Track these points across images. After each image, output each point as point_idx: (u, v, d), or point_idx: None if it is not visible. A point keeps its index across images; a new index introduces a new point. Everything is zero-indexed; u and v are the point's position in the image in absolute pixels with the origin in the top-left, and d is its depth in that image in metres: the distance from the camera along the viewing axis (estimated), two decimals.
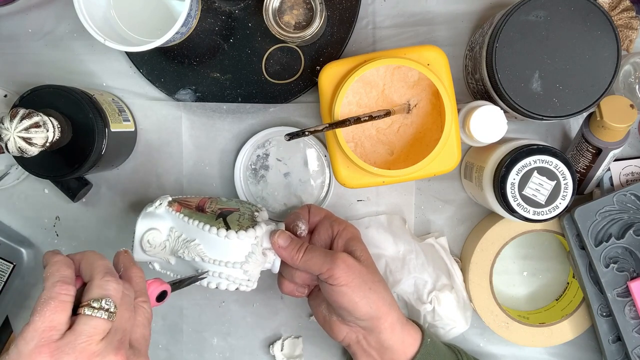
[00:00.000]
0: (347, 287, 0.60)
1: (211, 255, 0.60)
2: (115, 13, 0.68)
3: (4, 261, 0.74)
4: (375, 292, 0.61)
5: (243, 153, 0.74)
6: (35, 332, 0.47)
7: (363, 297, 0.60)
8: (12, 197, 0.77)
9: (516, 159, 0.62)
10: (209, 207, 0.65)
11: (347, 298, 0.60)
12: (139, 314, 0.52)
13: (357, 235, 0.66)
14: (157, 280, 0.56)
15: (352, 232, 0.65)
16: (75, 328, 0.48)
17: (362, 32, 0.73)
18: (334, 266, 0.60)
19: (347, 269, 0.60)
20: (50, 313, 0.47)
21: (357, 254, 0.63)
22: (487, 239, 0.71)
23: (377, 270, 0.64)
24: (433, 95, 0.65)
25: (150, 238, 0.62)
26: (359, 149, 0.67)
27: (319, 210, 0.67)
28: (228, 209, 0.64)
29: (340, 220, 0.67)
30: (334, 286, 0.60)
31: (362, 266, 0.62)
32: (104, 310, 0.48)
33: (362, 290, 0.60)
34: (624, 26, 0.70)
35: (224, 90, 0.74)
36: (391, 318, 0.62)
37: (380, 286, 0.62)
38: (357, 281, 0.60)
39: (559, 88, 0.61)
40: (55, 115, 0.62)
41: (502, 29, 0.60)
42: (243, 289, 0.62)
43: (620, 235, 0.68)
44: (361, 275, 0.60)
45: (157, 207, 0.63)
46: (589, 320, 0.73)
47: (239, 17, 0.72)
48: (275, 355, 0.76)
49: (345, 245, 0.64)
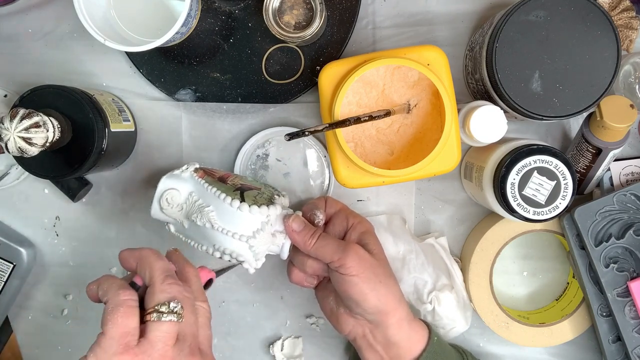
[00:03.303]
0: (358, 278, 0.60)
1: (221, 223, 0.61)
2: (115, 13, 0.68)
3: (4, 261, 0.74)
4: (385, 286, 0.61)
5: (243, 153, 0.74)
6: (113, 339, 0.47)
7: (372, 289, 0.60)
8: (12, 197, 0.77)
9: (516, 159, 0.62)
10: (232, 180, 0.66)
11: (357, 289, 0.60)
12: (200, 314, 0.53)
13: (371, 229, 0.66)
14: (204, 269, 0.58)
15: (366, 226, 0.65)
16: (148, 336, 0.48)
17: (362, 32, 0.73)
18: (346, 255, 0.60)
19: (359, 260, 0.60)
20: (122, 319, 0.47)
21: (369, 247, 0.63)
22: (487, 239, 0.71)
23: (389, 266, 0.65)
24: (433, 95, 0.65)
25: (169, 197, 0.63)
26: (359, 149, 0.67)
27: (335, 203, 0.68)
28: (249, 186, 0.66)
29: (355, 213, 0.67)
30: (345, 275, 0.60)
31: (374, 259, 0.62)
32: (172, 313, 0.48)
33: (373, 282, 0.60)
34: (624, 26, 0.70)
35: (224, 90, 0.74)
36: (399, 314, 0.62)
37: (390, 281, 0.62)
38: (368, 273, 0.60)
39: (559, 88, 0.61)
40: (55, 115, 0.62)
41: (502, 29, 0.60)
42: (246, 266, 0.63)
43: (620, 235, 0.68)
44: (372, 268, 0.61)
45: (183, 170, 0.64)
46: (589, 320, 0.73)
47: (239, 17, 0.72)
48: (275, 355, 0.76)
49: (359, 238, 0.64)
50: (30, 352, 0.79)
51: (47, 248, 0.78)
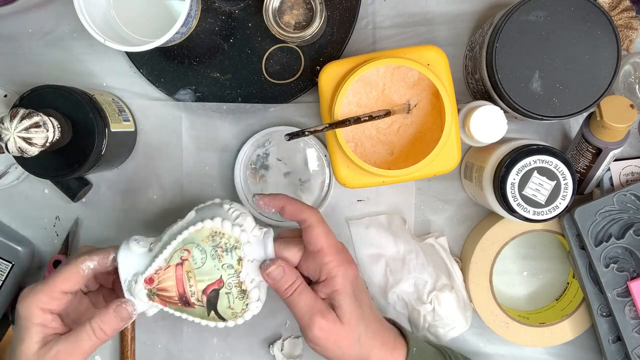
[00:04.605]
0: (320, 348, 0.60)
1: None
2: (115, 13, 0.68)
3: (2, 260, 0.74)
4: (349, 354, 0.60)
5: (243, 153, 0.74)
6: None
7: (336, 357, 0.60)
8: (12, 197, 0.77)
9: (516, 159, 0.62)
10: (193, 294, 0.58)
11: (322, 354, 0.60)
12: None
13: (344, 284, 0.59)
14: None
15: (340, 283, 0.59)
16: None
17: (362, 32, 0.73)
18: (309, 329, 0.59)
19: (320, 335, 0.58)
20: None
21: (338, 311, 0.59)
22: (487, 239, 0.71)
23: (360, 322, 0.60)
24: (433, 95, 0.65)
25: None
26: (359, 149, 0.67)
27: (317, 240, 0.59)
28: (213, 288, 0.58)
29: (333, 264, 0.59)
30: (308, 342, 0.60)
31: (340, 328, 0.59)
32: None
33: (334, 353, 0.60)
34: (624, 26, 0.70)
35: (224, 90, 0.74)
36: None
37: (355, 346, 0.59)
38: (330, 345, 0.59)
39: (559, 88, 0.61)
40: (55, 115, 0.62)
41: (502, 29, 0.60)
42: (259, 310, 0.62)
43: (620, 235, 0.68)
44: (336, 340, 0.59)
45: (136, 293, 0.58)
46: (589, 320, 0.73)
47: (239, 17, 0.72)
48: (275, 355, 0.76)
49: (329, 297, 0.60)
50: None
51: (47, 248, 0.78)
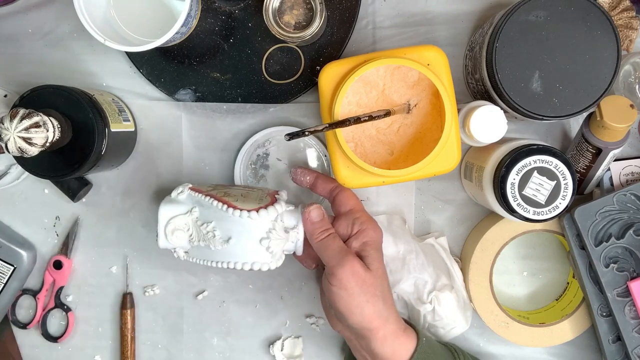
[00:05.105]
0: (345, 292, 0.59)
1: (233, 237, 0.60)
2: (115, 13, 0.68)
3: (4, 263, 0.74)
4: (372, 305, 0.60)
5: (243, 153, 0.74)
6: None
7: (357, 306, 0.59)
8: (12, 197, 0.77)
9: (516, 159, 0.62)
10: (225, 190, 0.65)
11: (342, 302, 0.59)
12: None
13: (376, 239, 0.63)
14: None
15: (371, 235, 0.63)
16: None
17: (362, 32, 0.73)
18: (340, 267, 0.59)
19: (351, 275, 0.59)
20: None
21: (368, 260, 0.61)
22: (487, 239, 0.71)
23: (385, 280, 0.62)
24: (433, 95, 0.65)
25: (174, 226, 0.62)
26: (359, 149, 0.67)
27: (347, 200, 0.65)
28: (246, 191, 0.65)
29: (364, 219, 0.64)
30: (333, 286, 0.59)
31: (369, 275, 0.60)
32: None
33: (358, 300, 0.59)
34: (624, 26, 0.70)
35: (224, 90, 0.74)
36: (384, 331, 0.60)
37: (378, 300, 0.60)
38: (357, 290, 0.59)
39: (559, 88, 0.61)
40: (55, 115, 0.62)
41: (502, 29, 0.60)
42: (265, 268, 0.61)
43: (620, 235, 0.68)
44: (363, 285, 0.59)
45: (179, 193, 0.64)
46: (589, 320, 0.73)
47: (239, 17, 0.72)
48: (275, 355, 0.76)
49: (360, 248, 0.62)
50: (30, 351, 0.79)
51: (47, 248, 0.78)
